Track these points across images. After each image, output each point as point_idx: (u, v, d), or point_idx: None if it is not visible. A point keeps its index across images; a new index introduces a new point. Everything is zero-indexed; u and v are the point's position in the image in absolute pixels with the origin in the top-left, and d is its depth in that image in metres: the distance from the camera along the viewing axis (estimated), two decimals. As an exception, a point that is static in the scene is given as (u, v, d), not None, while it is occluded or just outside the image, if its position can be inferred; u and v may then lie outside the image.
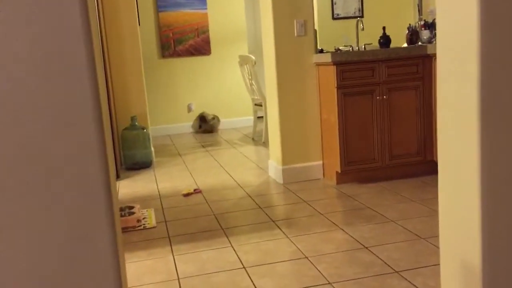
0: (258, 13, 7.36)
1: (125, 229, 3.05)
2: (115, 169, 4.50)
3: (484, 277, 1.46)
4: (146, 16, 6.77)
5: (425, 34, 4.04)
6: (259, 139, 5.98)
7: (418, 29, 4.13)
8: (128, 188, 4.12)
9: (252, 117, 7.20)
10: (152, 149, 5.05)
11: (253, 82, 5.64)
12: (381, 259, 2.38)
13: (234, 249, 2.64)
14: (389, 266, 2.30)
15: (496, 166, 1.41)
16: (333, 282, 2.18)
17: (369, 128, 3.66)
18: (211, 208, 3.38)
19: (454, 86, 1.46)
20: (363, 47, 4.71)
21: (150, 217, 3.23)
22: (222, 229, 2.96)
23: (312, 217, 3.06)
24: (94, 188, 1.05)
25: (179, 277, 2.35)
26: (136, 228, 3.06)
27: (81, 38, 1.00)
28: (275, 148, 4.02)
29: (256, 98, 5.79)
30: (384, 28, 4.14)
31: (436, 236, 2.62)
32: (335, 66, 3.53)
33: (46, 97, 1.01)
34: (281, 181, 3.92)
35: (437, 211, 2.98)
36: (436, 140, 3.67)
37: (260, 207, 3.34)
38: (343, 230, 2.80)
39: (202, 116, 6.83)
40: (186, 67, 6.99)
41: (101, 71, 1.15)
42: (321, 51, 4.22)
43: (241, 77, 6.94)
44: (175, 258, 2.57)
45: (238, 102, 7.22)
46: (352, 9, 6.72)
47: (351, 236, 2.70)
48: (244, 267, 2.41)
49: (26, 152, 1.02)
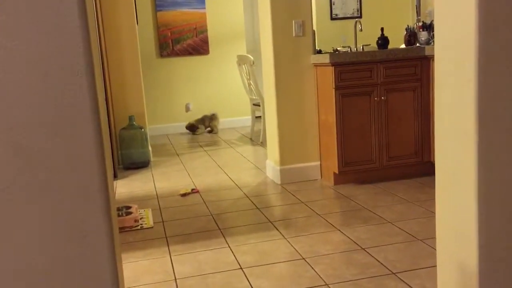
0: (257, 13, 7.36)
1: (122, 229, 3.04)
2: (113, 168, 4.49)
3: (480, 279, 1.46)
4: (144, 16, 6.76)
5: (423, 36, 4.04)
6: (257, 139, 5.98)
7: (416, 30, 4.14)
8: (125, 187, 4.11)
9: (250, 117, 7.20)
10: (150, 148, 5.05)
11: (251, 82, 5.64)
12: (378, 261, 2.38)
13: (231, 249, 2.64)
14: (386, 267, 2.31)
15: (493, 168, 1.41)
16: (330, 284, 2.18)
17: (367, 129, 3.66)
18: (208, 209, 3.38)
19: (452, 87, 1.47)
20: (361, 48, 4.71)
21: (148, 217, 3.23)
22: (220, 229, 2.96)
23: (310, 218, 3.06)
24: (91, 188, 1.05)
25: (176, 277, 2.35)
26: (133, 228, 3.06)
27: (79, 38, 1.00)
28: (273, 149, 4.02)
29: (254, 98, 5.79)
30: (382, 29, 4.14)
31: (433, 237, 2.62)
32: (333, 67, 3.53)
33: (44, 97, 1.01)
34: (279, 182, 3.92)
35: (434, 213, 2.98)
36: (433, 141, 3.67)
37: (257, 207, 3.34)
38: (340, 231, 2.80)
39: (203, 118, 6.77)
40: (184, 66, 6.98)
41: (99, 70, 1.15)
42: (319, 51, 4.22)
43: (239, 77, 6.94)
44: (172, 259, 2.57)
45: (236, 102, 7.21)
46: (351, 9, 6.73)
47: (348, 237, 2.70)
48: (241, 268, 2.40)
49: (24, 152, 1.02)
